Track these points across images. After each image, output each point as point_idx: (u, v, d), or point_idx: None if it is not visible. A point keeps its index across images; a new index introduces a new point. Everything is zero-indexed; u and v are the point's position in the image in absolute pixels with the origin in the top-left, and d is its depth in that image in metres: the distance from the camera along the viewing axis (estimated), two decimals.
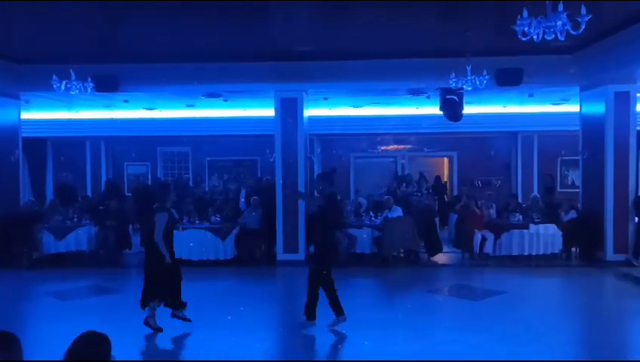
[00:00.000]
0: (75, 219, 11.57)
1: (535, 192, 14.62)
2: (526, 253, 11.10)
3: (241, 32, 9.11)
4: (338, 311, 6.72)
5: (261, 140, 15.10)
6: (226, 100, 13.33)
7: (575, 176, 16.02)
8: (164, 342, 6.45)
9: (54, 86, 8.95)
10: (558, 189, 16.24)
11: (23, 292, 9.29)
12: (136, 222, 12.49)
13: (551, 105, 14.67)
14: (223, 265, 10.89)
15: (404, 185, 14.38)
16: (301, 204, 11.29)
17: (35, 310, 8.15)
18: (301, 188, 11.33)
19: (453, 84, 9.03)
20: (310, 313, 6.70)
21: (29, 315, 7.99)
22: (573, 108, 12.60)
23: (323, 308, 6.70)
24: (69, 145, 17.38)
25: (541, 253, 11.12)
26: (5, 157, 11.48)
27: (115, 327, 6.27)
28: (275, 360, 6.18)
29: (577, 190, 12.67)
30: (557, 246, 11.18)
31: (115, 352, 2.76)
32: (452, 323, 7.31)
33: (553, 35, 5.39)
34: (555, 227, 11.15)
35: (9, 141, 11.62)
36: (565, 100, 13.62)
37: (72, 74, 8.96)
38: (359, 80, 11.26)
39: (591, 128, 11.34)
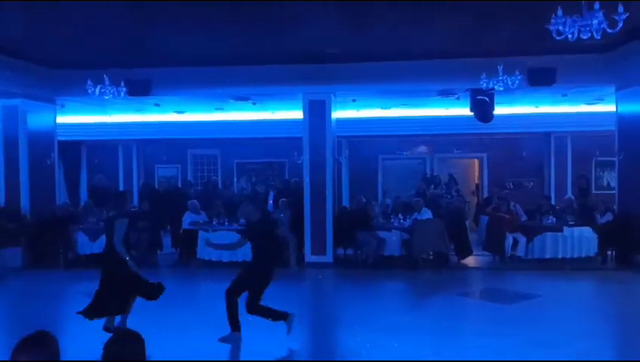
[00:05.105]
0: None
1: (569, 194, 14.32)
2: (560, 256, 10.88)
3: (269, 36, 9.17)
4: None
5: (289, 142, 15.14)
6: (254, 103, 13.42)
7: (610, 178, 15.61)
8: (193, 340, 6.52)
9: (89, 91, 9.18)
10: (593, 191, 15.86)
11: (59, 291, 9.52)
12: (168, 223, 12.67)
13: (585, 105, 14.34)
14: None
15: (432, 186, 14.24)
16: (329, 206, 11.32)
17: (71, 309, 8.31)
18: (329, 189, 11.35)
19: (484, 85, 8.91)
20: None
21: (65, 314, 8.16)
22: (609, 107, 12.30)
23: (355, 311, 6.68)
24: (103, 148, 17.73)
25: (575, 256, 10.89)
26: (42, 160, 11.79)
27: (148, 326, 6.41)
28: (303, 360, 6.18)
29: (613, 192, 12.35)
30: (592, 249, 10.93)
31: (150, 351, 2.80)
32: (483, 327, 7.20)
33: (589, 34, 5.27)
34: (591, 229, 10.91)
35: (46, 144, 11.93)
36: (600, 100, 13.30)
37: (106, 79, 9.16)
38: (388, 81, 11.20)
39: (627, 128, 11.03)
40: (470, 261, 11.41)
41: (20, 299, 9.24)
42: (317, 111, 11.43)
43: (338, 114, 12.38)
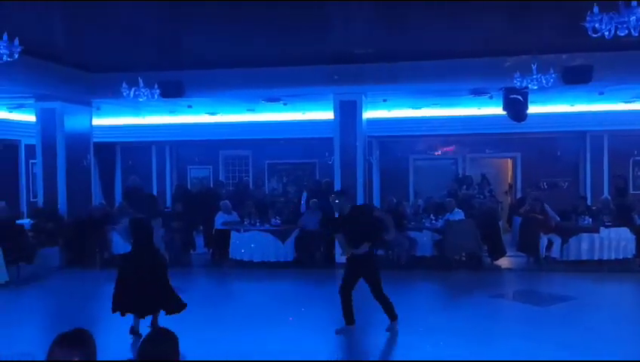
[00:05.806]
0: None
1: (606, 194, 13.97)
2: (596, 258, 10.63)
3: (300, 37, 9.21)
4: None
5: (320, 143, 15.17)
6: (285, 104, 13.49)
7: None
8: (225, 339, 6.59)
9: (124, 93, 9.36)
10: (631, 191, 15.43)
11: (95, 291, 9.73)
12: (200, 224, 12.84)
13: (622, 104, 13.99)
14: (283, 267, 11.03)
15: (464, 187, 14.07)
16: None
17: (107, 307, 8.51)
18: (360, 190, 11.32)
19: (518, 83, 8.77)
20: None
21: (101, 312, 8.35)
22: None
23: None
24: (136, 150, 18.08)
25: (613, 257, 10.61)
26: (79, 161, 12.09)
27: (181, 325, 6.51)
28: (337, 360, 6.19)
29: None
30: (630, 250, 10.64)
31: (183, 349, 2.85)
32: (515, 329, 7.09)
33: (626, 31, 5.13)
34: (628, 230, 10.62)
35: (82, 146, 12.23)
36: (638, 98, 12.96)
37: (140, 81, 9.33)
38: (419, 81, 11.11)
39: None
40: (504, 262, 11.24)
41: (58, 298, 9.49)
42: (348, 112, 11.42)
43: (369, 114, 12.34)
